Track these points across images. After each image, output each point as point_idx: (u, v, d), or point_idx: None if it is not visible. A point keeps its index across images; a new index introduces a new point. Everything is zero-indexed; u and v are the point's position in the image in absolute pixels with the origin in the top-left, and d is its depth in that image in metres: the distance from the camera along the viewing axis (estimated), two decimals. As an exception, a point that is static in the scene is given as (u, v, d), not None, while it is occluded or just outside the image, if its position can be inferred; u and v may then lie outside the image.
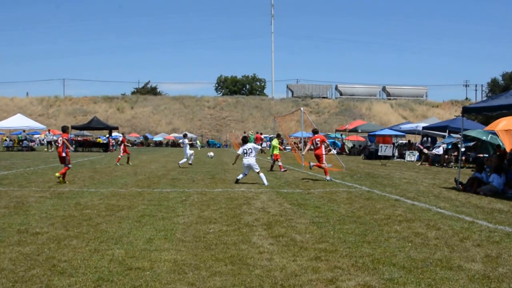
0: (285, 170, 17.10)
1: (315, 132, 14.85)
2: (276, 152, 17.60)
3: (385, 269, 4.67)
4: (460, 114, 13.37)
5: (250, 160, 12.49)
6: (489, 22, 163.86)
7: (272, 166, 17.69)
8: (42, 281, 4.27)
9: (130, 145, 24.37)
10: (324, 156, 14.15)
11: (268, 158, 27.39)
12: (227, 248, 5.47)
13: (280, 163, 17.47)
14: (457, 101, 78.87)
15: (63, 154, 12.71)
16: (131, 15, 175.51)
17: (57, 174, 12.35)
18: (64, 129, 13.69)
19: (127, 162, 20.48)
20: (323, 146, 14.38)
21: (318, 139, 14.29)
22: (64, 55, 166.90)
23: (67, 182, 12.21)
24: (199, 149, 36.74)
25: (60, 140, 12.91)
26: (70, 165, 12.97)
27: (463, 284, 4.28)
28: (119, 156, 20.52)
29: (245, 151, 12.63)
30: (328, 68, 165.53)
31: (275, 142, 18.08)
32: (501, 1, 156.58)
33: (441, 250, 5.45)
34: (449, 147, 22.43)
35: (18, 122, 38.00)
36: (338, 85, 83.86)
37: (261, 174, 12.52)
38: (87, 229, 6.43)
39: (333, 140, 40.85)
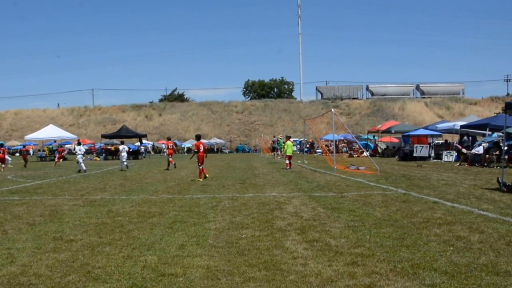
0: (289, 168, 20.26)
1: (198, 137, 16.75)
2: (290, 152, 20.75)
3: (426, 275, 4.45)
4: (502, 111, 12.79)
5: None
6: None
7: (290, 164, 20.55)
8: (77, 287, 4.32)
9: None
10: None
11: (299, 161, 27.17)
12: (260, 253, 5.36)
13: (287, 161, 20.61)
14: (497, 98, 75.74)
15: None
16: (156, 24, 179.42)
17: None
18: None
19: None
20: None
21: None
22: (92, 65, 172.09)
23: None
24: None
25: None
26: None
27: (513, 291, 4.00)
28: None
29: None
30: (358, 68, 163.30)
31: (289, 143, 21.14)
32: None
33: (486, 254, 5.15)
34: (490, 146, 21.49)
35: (50, 132, 39.24)
36: (369, 85, 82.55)
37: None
38: (119, 236, 6.48)
39: (366, 142, 40.17)
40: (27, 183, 15.40)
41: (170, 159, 22.60)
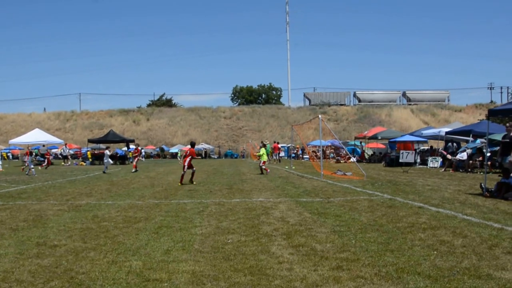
0: (265, 172, 21.08)
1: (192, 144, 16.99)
2: (265, 158, 21.98)
3: (410, 278, 4.49)
4: (485, 118, 12.98)
5: None
6: None
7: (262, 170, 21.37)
8: (60, 293, 4.27)
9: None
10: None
11: (286, 167, 27.25)
12: (245, 258, 5.36)
13: (264, 167, 21.58)
14: (481, 105, 77.20)
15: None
16: (145, 29, 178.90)
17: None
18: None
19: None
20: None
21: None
22: (80, 70, 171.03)
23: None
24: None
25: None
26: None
27: (494, 294, 4.07)
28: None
29: None
30: (345, 75, 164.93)
31: (263, 150, 22.17)
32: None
33: (469, 258, 5.23)
34: (474, 152, 21.85)
35: (36, 137, 38.55)
36: (357, 92, 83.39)
37: None
38: (104, 241, 6.41)
39: (353, 148, 40.49)
40: (11, 188, 15.15)
41: (134, 163, 25.85)
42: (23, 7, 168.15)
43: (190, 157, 15.91)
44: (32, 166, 23.24)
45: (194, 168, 16.17)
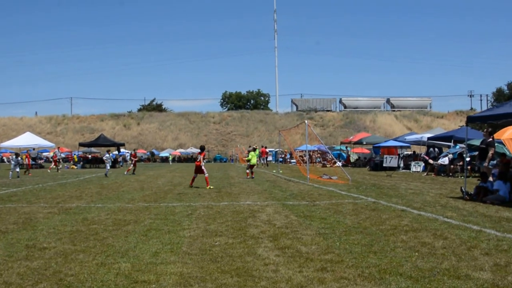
0: (251, 177, 20.95)
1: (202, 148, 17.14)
2: (254, 162, 22.18)
3: (392, 279, 4.63)
4: (465, 124, 13.33)
5: None
6: (493, 31, 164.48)
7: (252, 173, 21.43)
8: (49, 295, 4.30)
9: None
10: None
11: (274, 171, 27.41)
12: (232, 260, 5.46)
13: (248, 171, 21.62)
14: (462, 112, 78.81)
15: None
16: (135, 35, 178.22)
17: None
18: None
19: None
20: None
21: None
22: (71, 74, 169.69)
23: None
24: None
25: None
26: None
27: (471, 293, 4.24)
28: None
29: None
30: (332, 81, 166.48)
31: (251, 155, 22.29)
32: (504, 12, 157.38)
33: (449, 259, 5.40)
34: (455, 157, 22.31)
35: (27, 140, 38.11)
36: (342, 98, 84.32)
37: None
38: (94, 243, 6.45)
39: (339, 152, 40.88)
40: (1, 191, 15.01)
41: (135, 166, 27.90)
42: (15, 12, 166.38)
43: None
44: (13, 168, 22.96)
45: (196, 175, 16.30)
